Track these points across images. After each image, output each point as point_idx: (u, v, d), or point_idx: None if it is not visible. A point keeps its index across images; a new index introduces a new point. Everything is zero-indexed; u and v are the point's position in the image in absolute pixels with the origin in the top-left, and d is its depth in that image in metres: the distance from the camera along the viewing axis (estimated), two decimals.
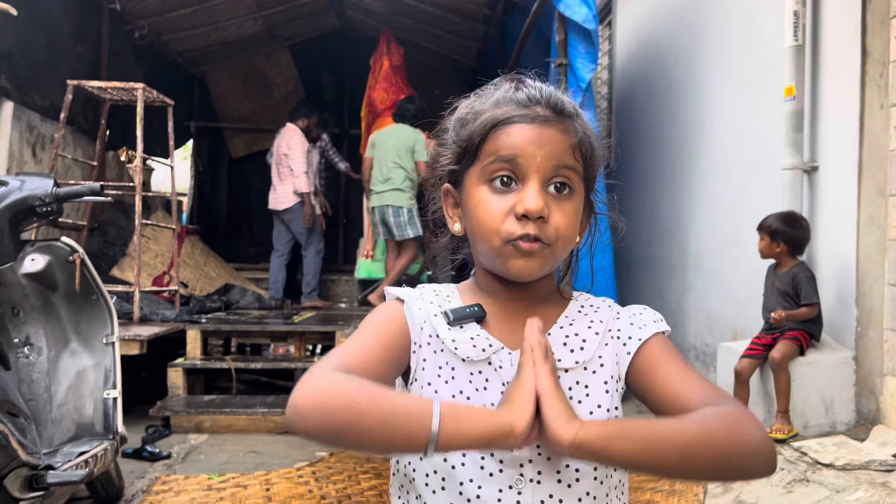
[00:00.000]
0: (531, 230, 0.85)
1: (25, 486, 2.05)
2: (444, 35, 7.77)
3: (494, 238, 0.87)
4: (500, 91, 0.92)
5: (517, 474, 0.85)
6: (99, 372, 2.64)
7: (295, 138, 6.29)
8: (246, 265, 8.18)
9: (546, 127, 0.87)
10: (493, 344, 0.89)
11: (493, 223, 0.86)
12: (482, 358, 0.88)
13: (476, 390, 0.88)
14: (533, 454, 0.85)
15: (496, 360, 0.89)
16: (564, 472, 0.85)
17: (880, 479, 2.55)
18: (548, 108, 0.88)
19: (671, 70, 5.19)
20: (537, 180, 0.86)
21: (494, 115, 0.89)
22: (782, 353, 3.14)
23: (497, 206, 0.87)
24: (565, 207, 0.87)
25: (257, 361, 4.95)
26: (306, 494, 3.08)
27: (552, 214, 0.86)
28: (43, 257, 2.55)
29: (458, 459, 0.86)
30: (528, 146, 0.86)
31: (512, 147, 0.86)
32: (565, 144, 0.88)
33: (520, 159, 0.86)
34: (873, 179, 3.09)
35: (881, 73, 3.04)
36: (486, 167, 0.88)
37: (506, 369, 0.88)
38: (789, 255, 3.30)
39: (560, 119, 0.89)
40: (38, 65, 5.28)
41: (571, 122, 0.89)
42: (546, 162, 0.86)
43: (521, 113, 0.88)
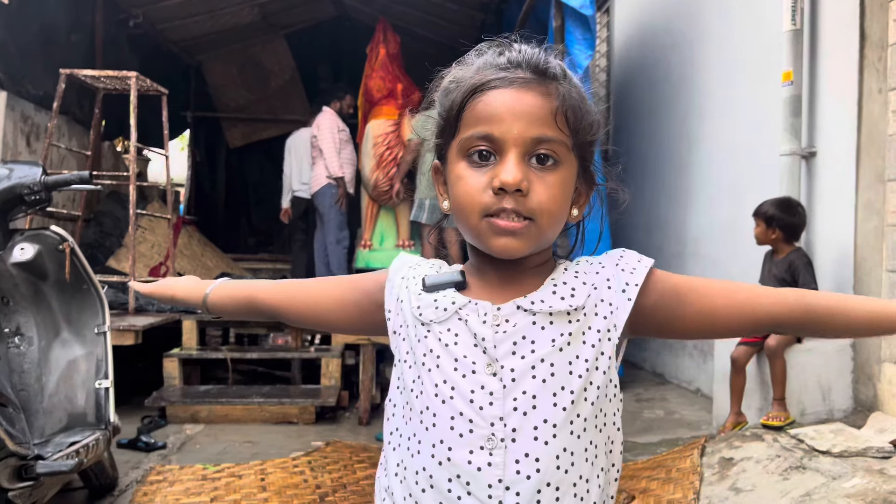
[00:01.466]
0: (509, 204, 0.81)
1: (14, 476, 2.04)
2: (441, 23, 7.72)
3: (472, 215, 0.83)
4: (483, 56, 0.88)
5: (489, 434, 0.81)
6: (90, 362, 2.62)
7: (324, 121, 6.03)
8: (244, 255, 8.16)
9: (525, 91, 0.82)
10: (458, 301, 0.87)
11: (469, 199, 0.83)
12: (444, 318, 0.86)
13: (446, 346, 0.85)
14: (507, 411, 0.81)
15: (463, 315, 0.86)
16: (542, 427, 0.81)
17: (877, 465, 2.53)
18: (528, 70, 0.83)
19: (669, 56, 5.15)
20: (516, 153, 0.81)
21: (472, 82, 0.84)
22: (777, 340, 3.12)
23: (474, 180, 0.83)
24: (548, 180, 0.82)
25: (254, 351, 4.93)
26: (301, 484, 3.07)
27: (533, 188, 0.81)
28: (32, 246, 2.53)
29: (429, 420, 0.84)
30: (504, 117, 0.81)
31: (488, 119, 0.82)
32: (545, 111, 0.82)
33: (496, 133, 0.81)
34: (871, 165, 3.06)
35: (879, 57, 3.01)
36: (464, 142, 0.84)
37: (472, 319, 0.85)
38: (785, 242, 3.27)
39: (542, 81, 0.83)
40: (31, 54, 5.25)
41: (555, 85, 0.83)
42: (524, 133, 0.81)
43: (500, 76, 0.83)
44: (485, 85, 0.83)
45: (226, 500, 2.89)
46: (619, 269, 0.89)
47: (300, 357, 4.77)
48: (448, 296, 0.88)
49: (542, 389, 0.82)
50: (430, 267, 0.95)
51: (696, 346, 4.64)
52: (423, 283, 0.90)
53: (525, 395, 0.82)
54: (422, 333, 0.88)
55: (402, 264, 0.96)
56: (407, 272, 0.94)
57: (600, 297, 0.87)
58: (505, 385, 0.82)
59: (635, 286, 0.87)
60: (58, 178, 2.49)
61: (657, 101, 5.31)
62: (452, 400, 0.83)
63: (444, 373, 0.85)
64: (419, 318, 0.88)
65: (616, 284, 0.88)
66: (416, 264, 0.96)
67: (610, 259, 0.91)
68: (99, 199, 6.13)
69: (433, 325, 0.87)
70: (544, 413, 0.81)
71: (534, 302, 0.85)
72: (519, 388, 0.82)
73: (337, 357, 4.49)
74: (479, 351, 0.84)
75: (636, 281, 0.88)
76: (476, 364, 0.83)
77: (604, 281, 0.88)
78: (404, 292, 0.92)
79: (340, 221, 6.18)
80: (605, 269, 0.89)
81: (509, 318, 0.84)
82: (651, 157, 5.37)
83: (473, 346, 0.84)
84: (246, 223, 9.62)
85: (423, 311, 0.88)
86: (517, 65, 0.84)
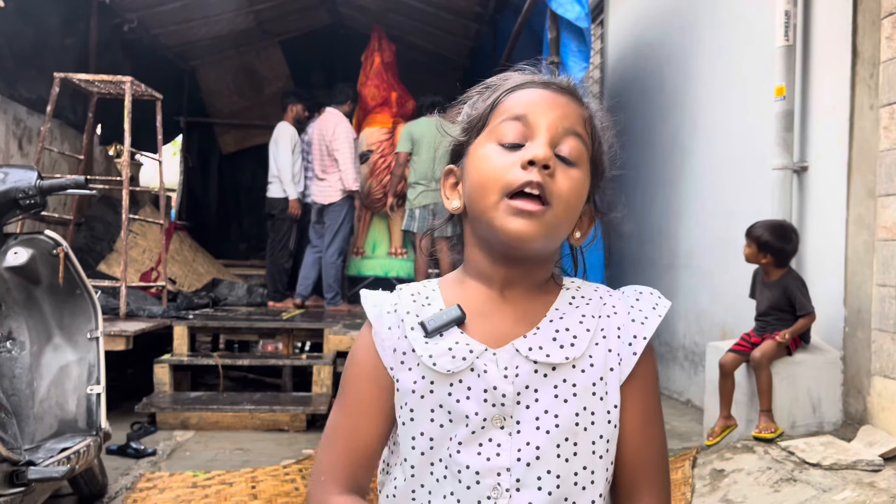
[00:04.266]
0: (536, 177, 0.79)
1: (5, 481, 2.02)
2: (436, 32, 7.76)
3: (493, 191, 0.81)
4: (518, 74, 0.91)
5: (494, 484, 0.81)
6: (82, 367, 2.61)
7: (341, 126, 5.83)
8: (235, 262, 8.14)
9: (559, 94, 0.86)
10: (475, 349, 0.84)
11: (495, 174, 0.82)
12: (463, 368, 0.83)
13: (457, 402, 0.83)
14: (511, 462, 0.81)
15: (479, 366, 0.83)
16: (545, 478, 0.81)
17: (867, 478, 2.55)
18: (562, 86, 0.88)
19: (663, 69, 5.19)
20: (546, 136, 0.82)
21: (510, 84, 0.88)
22: (763, 352, 3.12)
23: (502, 159, 0.82)
24: (571, 174, 0.83)
25: (245, 358, 4.92)
26: (292, 492, 3.06)
27: (558, 174, 0.81)
28: (26, 251, 2.51)
29: (440, 473, 0.83)
30: (539, 104, 0.84)
31: (522, 104, 0.84)
32: (577, 112, 0.86)
33: (530, 116, 0.83)
34: (862, 180, 3.09)
35: (871, 74, 3.05)
36: (496, 127, 0.85)
37: (490, 373, 0.82)
38: (775, 266, 3.27)
39: (574, 95, 0.88)
40: (25, 57, 5.23)
41: (584, 103, 0.88)
42: (557, 122, 0.83)
43: (535, 80, 0.87)
44: (522, 85, 0.87)
45: None
46: (629, 318, 0.88)
47: (291, 364, 4.75)
48: (460, 341, 0.84)
49: (545, 441, 0.81)
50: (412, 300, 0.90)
51: (687, 357, 4.65)
52: (423, 327, 0.85)
53: (529, 446, 0.81)
54: (424, 389, 0.84)
55: (380, 311, 0.90)
56: (391, 319, 0.89)
57: (608, 348, 0.86)
58: (511, 435, 0.82)
59: (643, 340, 0.87)
60: (53, 182, 2.48)
61: (650, 113, 5.35)
62: (459, 454, 0.82)
63: (456, 429, 0.83)
64: (433, 368, 0.84)
65: (625, 335, 0.87)
66: (392, 305, 0.90)
67: (624, 302, 0.89)
68: (90, 203, 6.10)
69: (442, 377, 0.84)
70: (547, 464, 0.81)
71: (531, 348, 0.83)
72: (523, 440, 0.82)
73: (329, 364, 4.48)
74: (489, 405, 0.82)
75: (644, 334, 0.87)
76: (486, 420, 0.82)
77: (614, 329, 0.87)
78: (399, 342, 0.87)
79: (347, 235, 6.07)
80: (618, 316, 0.88)
81: (510, 361, 0.83)
82: (644, 169, 5.40)
83: (484, 401, 0.82)
84: (237, 229, 9.59)
85: (437, 361, 0.84)
86: (549, 82, 0.88)
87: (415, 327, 0.86)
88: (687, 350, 4.66)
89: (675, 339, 4.83)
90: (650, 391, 0.88)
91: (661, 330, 0.92)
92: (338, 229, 5.88)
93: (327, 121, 5.86)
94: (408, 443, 0.85)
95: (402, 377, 0.86)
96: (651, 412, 0.88)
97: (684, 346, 4.71)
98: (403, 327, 0.87)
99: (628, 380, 0.86)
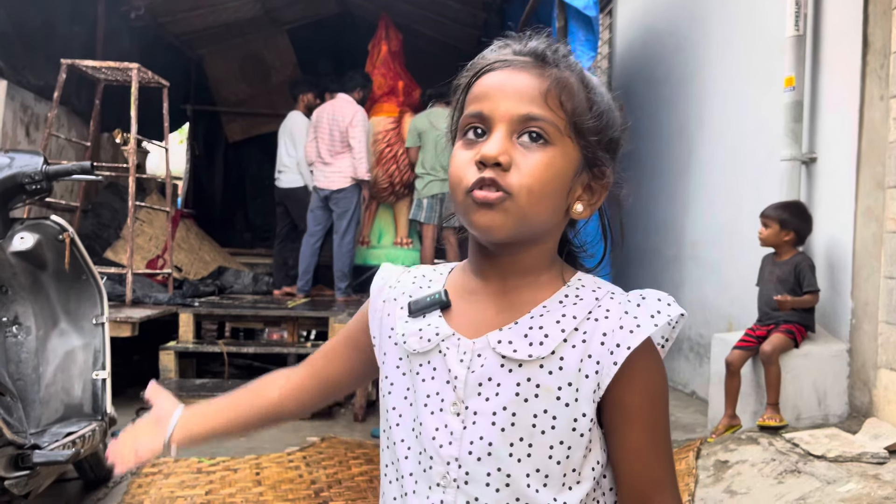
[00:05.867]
0: (487, 174, 0.79)
1: (11, 465, 2.04)
2: (444, 21, 7.72)
3: (458, 191, 0.81)
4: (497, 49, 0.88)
5: (444, 472, 0.82)
6: (88, 352, 2.62)
7: (361, 113, 5.67)
8: (241, 250, 8.15)
9: (519, 72, 0.82)
10: (442, 332, 0.84)
11: (457, 174, 0.82)
12: (428, 348, 0.85)
13: (423, 381, 0.85)
14: (461, 453, 0.81)
15: (443, 347, 0.84)
16: (495, 475, 0.80)
17: (872, 471, 2.54)
18: (528, 56, 0.84)
19: (671, 59, 5.16)
20: (502, 129, 0.80)
21: (476, 67, 0.86)
22: (773, 345, 3.12)
23: (463, 157, 0.82)
24: (533, 157, 0.80)
25: (250, 346, 4.93)
26: (296, 479, 3.07)
27: (516, 163, 0.79)
28: (32, 236, 2.52)
29: (403, 452, 0.86)
30: (494, 95, 0.82)
31: (481, 99, 0.83)
32: (535, 90, 0.81)
33: (485, 111, 0.82)
34: (871, 171, 3.06)
35: (882, 65, 3.02)
36: (462, 123, 0.85)
37: (450, 355, 0.83)
38: (794, 245, 3.30)
39: (539, 65, 0.83)
40: (32, 44, 5.23)
41: (551, 69, 0.82)
42: (511, 110, 0.80)
43: (501, 59, 0.84)
44: (485, 68, 0.85)
45: (220, 493, 2.89)
46: (619, 324, 0.81)
47: (296, 352, 4.76)
48: (433, 323, 0.86)
49: (499, 437, 0.80)
50: (412, 281, 0.92)
51: (692, 348, 4.64)
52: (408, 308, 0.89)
53: (482, 440, 0.80)
54: (405, 367, 0.88)
55: (384, 284, 0.95)
56: (388, 293, 0.93)
57: (588, 352, 0.80)
58: (465, 426, 0.81)
59: (627, 349, 0.80)
60: (59, 167, 2.49)
61: (658, 103, 5.32)
62: (420, 437, 0.84)
63: (418, 408, 0.85)
64: (404, 346, 0.87)
65: (609, 342, 0.80)
66: (397, 280, 0.94)
67: (621, 306, 0.83)
68: (97, 190, 6.11)
69: (414, 356, 0.86)
70: (498, 462, 0.80)
71: (500, 341, 0.82)
72: (476, 433, 0.81)
73: None
74: (450, 388, 0.83)
75: (630, 344, 0.80)
76: (444, 402, 0.83)
77: (598, 334, 0.81)
78: (387, 319, 0.91)
79: (359, 223, 5.99)
80: (608, 321, 0.82)
81: (481, 353, 0.82)
82: (651, 159, 5.38)
83: (446, 383, 0.83)
84: (242, 218, 9.60)
85: (407, 340, 0.87)
86: (519, 52, 0.85)
87: (403, 307, 0.90)
88: (692, 342, 4.65)
89: (680, 331, 4.81)
90: (651, 407, 0.83)
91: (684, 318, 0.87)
92: (351, 217, 5.76)
93: (343, 107, 5.71)
94: (385, 415, 0.90)
95: (388, 350, 0.91)
96: (653, 431, 0.83)
97: (689, 337, 4.70)
98: (395, 305, 0.92)
99: (623, 393, 0.81)
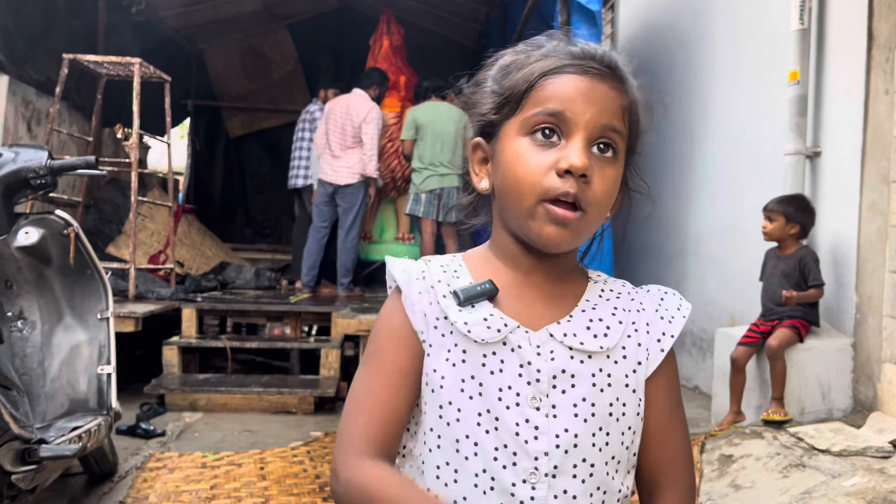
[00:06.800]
0: (572, 188, 0.79)
1: (18, 459, 2.03)
2: (445, 16, 7.71)
3: (529, 195, 0.80)
4: (550, 43, 0.86)
5: (532, 467, 0.80)
6: (93, 347, 2.62)
7: (374, 111, 5.63)
8: (243, 245, 8.15)
9: (599, 82, 0.81)
10: (509, 323, 0.83)
11: (531, 178, 0.80)
12: (497, 339, 0.82)
13: (491, 373, 0.82)
14: (550, 447, 0.81)
15: (513, 340, 0.82)
16: (581, 466, 0.82)
17: (877, 465, 2.55)
18: (602, 64, 0.83)
19: (674, 53, 5.15)
20: (583, 137, 0.80)
21: (544, 65, 0.83)
22: (779, 340, 3.13)
23: (537, 160, 0.80)
24: (607, 172, 0.81)
25: (253, 341, 4.93)
26: (300, 474, 3.07)
27: (594, 177, 0.80)
28: (37, 230, 2.51)
29: (469, 450, 0.82)
30: (577, 99, 0.80)
31: (560, 99, 0.80)
32: (616, 104, 0.82)
33: (567, 113, 0.80)
34: (876, 165, 3.06)
35: (887, 58, 3.01)
36: (529, 118, 0.82)
37: (525, 349, 0.82)
38: (798, 238, 3.29)
39: (613, 78, 0.83)
40: (33, 39, 5.22)
41: (625, 85, 0.84)
42: (595, 119, 0.80)
43: (575, 63, 0.82)
44: (559, 69, 0.82)
45: (225, 487, 2.89)
46: (657, 315, 0.90)
47: (299, 347, 4.77)
48: (494, 314, 0.84)
49: (583, 429, 0.82)
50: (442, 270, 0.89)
51: (696, 343, 4.65)
52: (456, 296, 0.84)
53: (567, 433, 0.81)
54: (458, 357, 0.83)
55: (409, 277, 0.88)
56: (420, 285, 0.87)
57: (638, 342, 0.87)
58: (548, 418, 0.82)
59: (671, 338, 0.89)
60: (64, 162, 2.48)
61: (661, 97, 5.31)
62: (497, 431, 0.81)
63: (488, 401, 0.82)
64: (468, 335, 0.82)
65: (654, 331, 0.89)
66: (420, 272, 0.89)
67: (651, 300, 0.91)
68: (99, 185, 6.11)
69: (477, 346, 0.83)
70: (584, 453, 0.82)
71: (566, 334, 0.83)
72: (560, 425, 0.81)
73: (336, 348, 4.49)
74: (524, 382, 0.82)
75: (672, 332, 0.89)
76: (520, 396, 0.81)
77: (643, 325, 0.89)
78: (430, 308, 0.86)
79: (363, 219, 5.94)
80: (646, 312, 0.90)
81: (544, 344, 0.83)
82: (654, 154, 5.37)
83: (518, 376, 0.82)
84: (243, 213, 9.60)
85: (472, 329, 0.82)
86: (591, 57, 0.83)
87: (447, 295, 0.85)
88: (695, 336, 4.65)
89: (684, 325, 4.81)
90: (674, 388, 0.91)
91: None
92: (357, 212, 5.73)
93: (357, 102, 5.66)
94: (435, 412, 0.84)
95: (434, 342, 0.84)
96: (675, 408, 0.90)
97: (692, 332, 4.70)
98: (434, 294, 0.86)
99: (654, 376, 0.88)
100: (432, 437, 0.84)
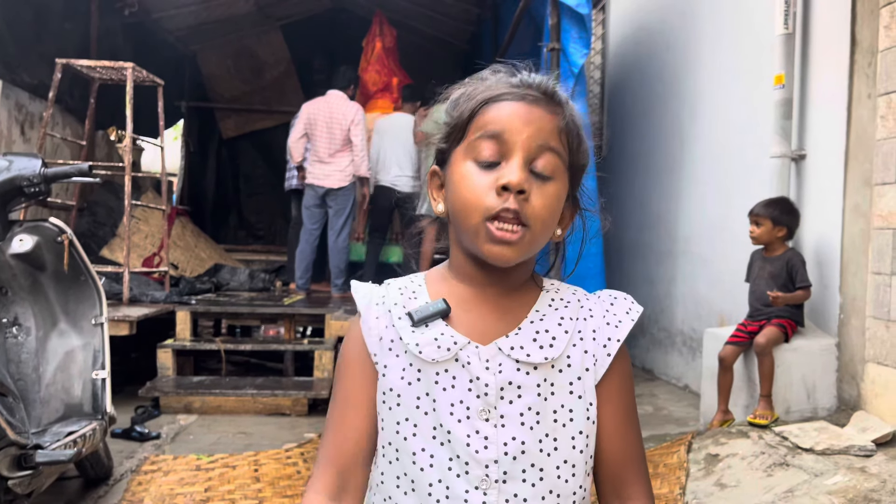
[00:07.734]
0: (512, 204, 0.83)
1: (14, 465, 2.06)
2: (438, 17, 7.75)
3: (474, 214, 0.85)
4: (497, 75, 0.92)
5: (483, 475, 0.85)
6: (87, 352, 2.65)
7: (360, 112, 5.64)
8: (237, 246, 8.17)
9: (534, 106, 0.87)
10: (459, 341, 0.88)
11: (475, 198, 0.85)
12: (448, 357, 0.88)
13: (444, 390, 0.87)
14: (499, 454, 0.86)
15: (463, 357, 0.87)
16: (529, 471, 0.86)
17: (859, 463, 2.60)
18: (538, 91, 0.89)
19: (663, 56, 5.19)
20: (521, 157, 0.85)
21: (486, 94, 0.89)
22: (767, 338, 3.18)
23: (480, 180, 0.86)
24: (546, 190, 0.86)
25: (247, 343, 4.96)
26: (294, 475, 3.11)
27: (532, 194, 0.85)
28: (31, 238, 2.54)
29: (425, 461, 0.87)
30: (514, 121, 0.86)
31: (498, 122, 0.86)
32: (552, 125, 0.87)
33: (505, 135, 0.86)
34: (859, 168, 3.11)
35: (869, 63, 3.06)
36: (473, 143, 0.87)
37: (474, 365, 0.87)
38: (784, 240, 3.34)
39: (550, 103, 0.89)
40: (26, 42, 5.24)
41: (561, 108, 0.89)
42: (531, 140, 0.85)
43: (512, 91, 0.88)
44: (497, 97, 0.88)
45: (219, 490, 2.93)
46: (604, 321, 0.93)
47: (293, 349, 4.80)
48: (445, 332, 0.89)
49: (529, 436, 0.86)
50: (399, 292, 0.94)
51: (685, 342, 4.70)
52: (410, 318, 0.90)
53: (514, 440, 0.86)
54: (412, 376, 0.89)
55: (369, 301, 0.94)
56: (378, 309, 0.93)
57: (584, 349, 0.91)
58: (496, 428, 0.86)
59: (617, 342, 0.92)
60: (58, 170, 2.51)
61: (650, 100, 5.36)
62: (450, 443, 0.86)
63: (441, 416, 0.87)
64: (419, 356, 0.88)
65: (600, 337, 0.92)
66: (380, 297, 0.94)
67: (600, 305, 0.95)
68: (93, 189, 6.13)
69: (429, 365, 0.88)
70: (532, 458, 0.86)
71: (513, 347, 0.88)
72: (508, 434, 0.86)
73: (330, 350, 4.52)
74: (474, 395, 0.87)
75: (619, 336, 0.92)
76: (470, 409, 0.87)
77: (590, 332, 0.92)
78: (386, 332, 0.92)
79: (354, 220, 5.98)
80: (594, 319, 0.93)
81: (492, 358, 0.87)
82: (643, 156, 5.42)
83: (468, 391, 0.87)
84: (236, 215, 9.62)
85: (423, 350, 0.88)
86: (528, 85, 0.89)
87: (402, 317, 0.91)
88: (685, 336, 4.71)
89: (673, 324, 4.87)
90: (626, 390, 0.94)
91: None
92: (348, 214, 5.77)
93: (340, 104, 5.63)
94: (392, 427, 0.89)
95: (389, 363, 0.90)
96: (629, 410, 0.94)
97: (682, 331, 4.75)
98: (390, 317, 0.92)
99: (605, 380, 0.91)
100: (391, 451, 0.90)
